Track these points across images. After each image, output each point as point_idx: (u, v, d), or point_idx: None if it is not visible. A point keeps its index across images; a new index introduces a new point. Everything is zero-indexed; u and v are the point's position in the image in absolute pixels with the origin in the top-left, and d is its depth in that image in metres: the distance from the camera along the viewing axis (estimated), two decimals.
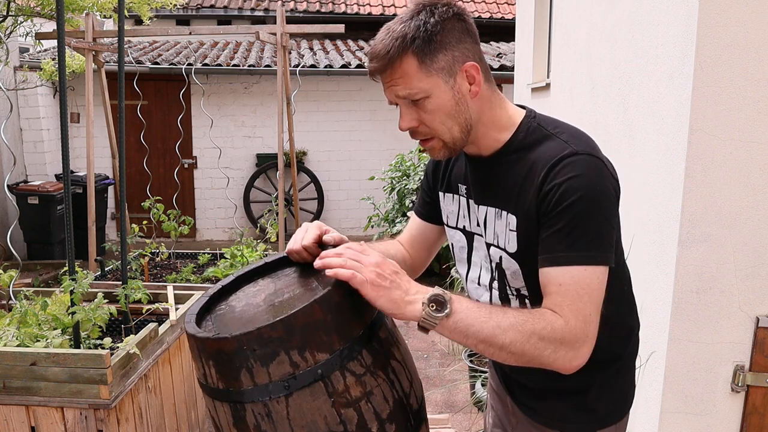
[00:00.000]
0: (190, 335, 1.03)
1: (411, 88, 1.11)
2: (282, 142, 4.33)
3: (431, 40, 1.09)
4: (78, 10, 4.88)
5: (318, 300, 0.97)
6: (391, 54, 1.09)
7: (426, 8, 1.11)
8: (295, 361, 0.96)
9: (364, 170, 7.84)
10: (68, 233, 1.99)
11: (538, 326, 1.03)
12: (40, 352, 1.94)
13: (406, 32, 1.09)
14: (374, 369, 1.03)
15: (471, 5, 10.37)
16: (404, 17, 1.13)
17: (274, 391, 0.96)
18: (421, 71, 1.10)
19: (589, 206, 1.06)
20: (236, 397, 0.99)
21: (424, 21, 1.10)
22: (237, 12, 9.67)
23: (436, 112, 1.13)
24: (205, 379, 1.04)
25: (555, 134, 1.15)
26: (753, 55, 1.87)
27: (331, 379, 0.98)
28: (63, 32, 1.92)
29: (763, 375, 2.02)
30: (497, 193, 1.20)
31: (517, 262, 1.17)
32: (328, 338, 0.98)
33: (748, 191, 1.94)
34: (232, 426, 1.02)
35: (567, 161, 1.08)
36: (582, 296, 1.05)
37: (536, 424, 1.32)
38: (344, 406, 0.99)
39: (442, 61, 1.10)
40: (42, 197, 6.06)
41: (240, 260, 4.07)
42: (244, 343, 0.95)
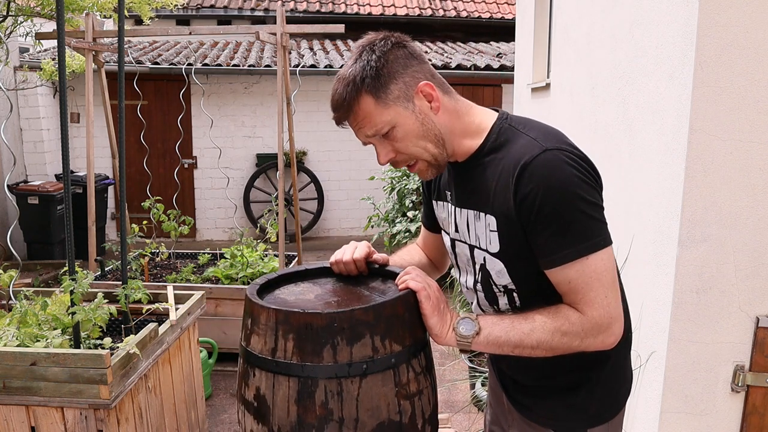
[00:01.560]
0: (272, 309, 1.08)
1: (376, 124, 1.16)
2: (282, 142, 4.33)
3: (379, 75, 1.14)
4: (78, 10, 4.88)
5: (401, 297, 1.11)
6: (347, 100, 1.14)
7: (365, 48, 1.16)
8: (376, 346, 1.05)
9: (364, 170, 7.83)
10: (68, 233, 1.99)
11: (558, 323, 1.11)
12: (40, 352, 1.94)
13: (354, 75, 1.14)
14: (426, 371, 1.15)
15: (471, 5, 10.37)
16: (349, 62, 1.17)
17: (353, 370, 1.04)
18: (379, 106, 1.14)
19: (572, 200, 1.08)
20: (311, 373, 1.04)
21: (367, 60, 1.14)
22: (237, 12, 9.67)
23: (407, 138, 1.17)
24: (272, 354, 1.07)
25: (524, 132, 1.17)
26: (753, 55, 1.87)
27: (399, 370, 1.08)
28: (63, 32, 1.92)
29: (763, 375, 2.02)
30: (475, 195, 1.23)
31: (501, 261, 1.20)
32: (403, 333, 1.10)
33: (748, 191, 1.94)
34: (293, 402, 1.05)
35: (537, 161, 1.09)
36: (592, 284, 1.10)
37: (529, 422, 1.34)
38: (404, 398, 1.08)
39: (396, 91, 1.15)
40: (42, 197, 6.06)
41: (240, 260, 4.07)
42: (336, 320, 1.03)
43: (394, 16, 9.88)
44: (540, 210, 1.08)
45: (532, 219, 1.10)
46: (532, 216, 1.10)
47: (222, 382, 3.84)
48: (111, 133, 4.59)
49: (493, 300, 1.27)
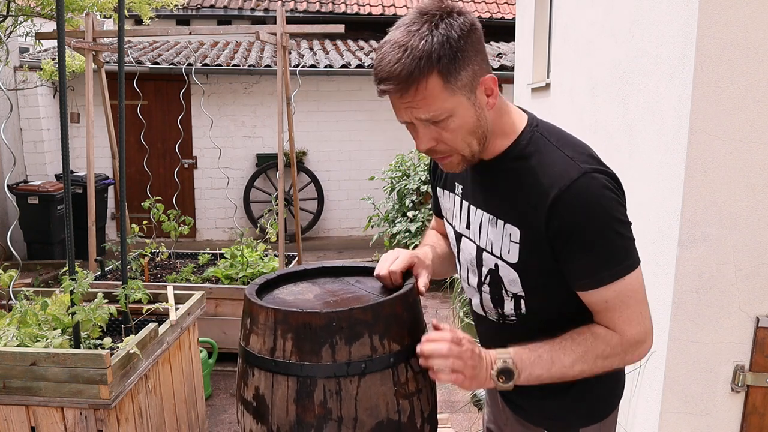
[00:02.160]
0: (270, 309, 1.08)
1: (435, 110, 1.05)
2: (282, 142, 4.33)
3: (456, 57, 1.02)
4: (78, 10, 4.88)
5: (400, 296, 1.11)
6: (414, 74, 1.01)
7: (444, 20, 1.03)
8: (374, 346, 1.05)
9: (364, 170, 7.83)
10: (68, 233, 1.99)
11: (599, 350, 1.10)
12: (40, 352, 1.94)
13: (430, 50, 1.00)
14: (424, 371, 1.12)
15: (471, 5, 10.37)
16: (421, 30, 1.02)
17: (352, 369, 1.03)
18: (445, 91, 1.03)
19: (610, 226, 1.07)
20: (310, 372, 1.04)
21: (447, 36, 1.01)
22: (237, 12, 9.67)
23: (458, 130, 1.09)
24: (271, 354, 1.07)
25: (558, 147, 1.12)
26: (753, 55, 1.87)
27: (397, 369, 1.08)
28: (63, 32, 1.92)
29: (763, 375, 2.02)
30: (495, 200, 1.19)
31: (517, 272, 1.17)
32: (401, 332, 1.10)
33: (748, 191, 1.94)
34: (292, 402, 1.05)
35: (575, 187, 1.06)
36: (628, 302, 1.10)
37: (523, 422, 1.34)
38: (402, 397, 1.08)
39: (465, 78, 1.05)
40: (42, 197, 6.06)
41: (240, 260, 4.07)
42: (335, 319, 1.03)
43: (394, 16, 9.87)
44: (577, 236, 1.07)
45: (568, 243, 1.08)
46: (567, 240, 1.08)
47: (222, 382, 3.84)
48: (111, 133, 4.59)
49: (498, 303, 1.26)
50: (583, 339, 1.11)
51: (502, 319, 1.27)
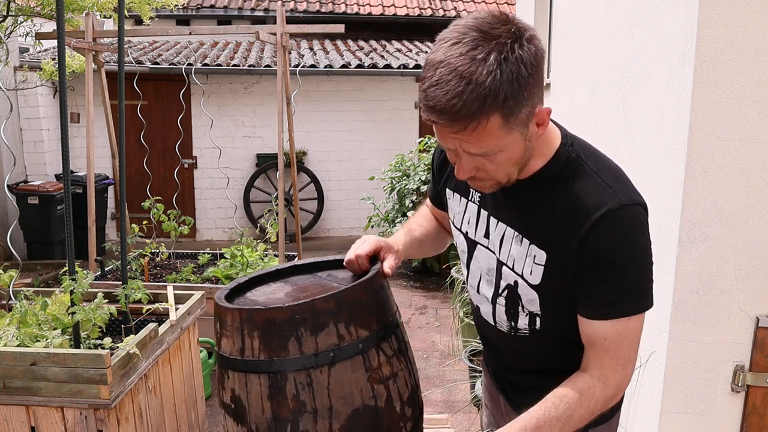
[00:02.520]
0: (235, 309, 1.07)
1: (487, 146, 0.98)
2: (282, 142, 4.33)
3: (522, 97, 0.94)
4: (78, 10, 4.88)
5: (363, 283, 1.10)
6: (475, 113, 0.92)
7: (515, 51, 0.92)
8: (341, 334, 1.05)
9: (364, 170, 7.83)
10: (68, 233, 1.99)
11: (583, 410, 1.08)
12: (40, 352, 1.94)
13: (497, 89, 0.90)
14: (399, 354, 1.13)
15: (471, 5, 10.37)
16: (489, 62, 0.90)
17: (320, 359, 1.03)
18: (502, 129, 0.96)
19: (638, 260, 1.06)
20: (280, 367, 1.04)
21: (517, 74, 0.92)
22: (237, 12, 9.67)
23: (505, 163, 1.03)
24: (241, 354, 1.07)
25: (596, 172, 1.08)
26: (753, 55, 1.87)
27: (368, 355, 1.07)
28: (63, 32, 1.92)
29: (763, 375, 2.02)
30: (521, 218, 1.15)
31: (537, 293, 1.15)
32: (368, 318, 1.09)
33: (748, 191, 1.94)
34: (266, 399, 1.05)
35: (614, 217, 1.03)
36: (623, 343, 1.09)
37: None
38: (377, 382, 1.07)
39: (523, 115, 0.97)
40: (42, 197, 6.06)
41: (240, 260, 4.07)
42: (298, 312, 1.03)
43: (394, 16, 9.88)
44: (604, 264, 1.05)
45: (592, 270, 1.06)
46: (593, 267, 1.06)
47: None
48: (111, 133, 4.59)
49: (512, 317, 1.23)
50: (566, 405, 1.08)
51: (514, 331, 1.25)
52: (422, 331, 4.76)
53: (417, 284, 6.02)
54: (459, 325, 3.97)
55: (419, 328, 4.82)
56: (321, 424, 1.04)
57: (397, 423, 1.10)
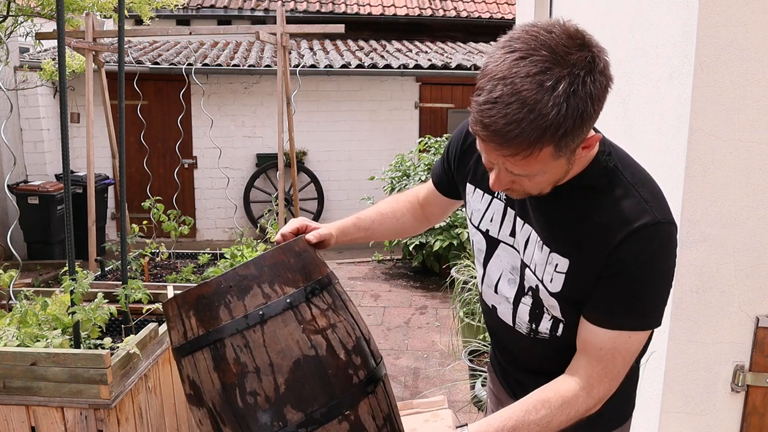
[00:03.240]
0: (171, 299, 1.14)
1: (531, 170, 0.95)
2: (282, 142, 4.33)
3: (581, 131, 0.91)
4: (78, 10, 4.88)
5: (282, 246, 1.16)
6: (531, 144, 0.88)
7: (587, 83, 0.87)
8: (266, 293, 1.10)
9: (364, 170, 7.84)
10: (68, 233, 1.99)
11: (563, 417, 1.07)
12: (40, 352, 1.94)
13: (558, 123, 0.86)
14: (335, 308, 1.16)
15: (471, 5, 10.37)
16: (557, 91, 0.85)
17: (251, 319, 1.08)
18: (552, 158, 0.93)
19: (659, 279, 1.05)
20: (216, 336, 1.08)
21: (583, 110, 0.87)
22: (237, 12, 9.67)
23: (543, 183, 1.01)
24: (185, 337, 1.12)
25: (633, 185, 1.06)
26: (753, 55, 1.87)
27: (299, 309, 1.11)
28: (63, 32, 1.92)
29: (763, 375, 2.02)
30: (548, 224, 1.12)
31: (556, 300, 1.14)
32: (293, 276, 1.13)
33: (748, 191, 1.94)
34: (212, 371, 1.09)
35: (647, 231, 1.01)
36: (617, 359, 1.07)
37: None
38: (313, 333, 1.10)
39: (575, 144, 0.94)
40: (42, 197, 6.06)
41: (240, 260, 4.07)
42: (222, 282, 1.10)
43: (394, 16, 9.88)
44: (626, 274, 1.03)
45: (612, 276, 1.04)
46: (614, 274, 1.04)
47: None
48: (111, 133, 4.59)
49: (535, 318, 1.21)
50: (548, 410, 1.07)
51: (533, 333, 1.23)
52: (422, 331, 4.76)
53: (417, 284, 6.02)
54: (459, 325, 3.97)
55: (419, 328, 4.82)
56: (266, 381, 1.07)
57: (345, 370, 1.11)
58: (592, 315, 1.08)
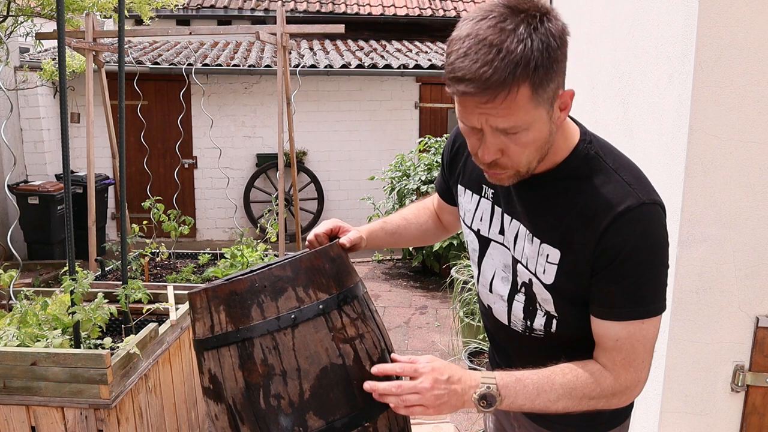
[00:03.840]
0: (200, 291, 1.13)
1: (515, 121, 0.95)
2: (282, 142, 4.33)
3: (551, 69, 0.93)
4: (78, 10, 4.88)
5: (318, 250, 1.15)
6: (507, 83, 0.90)
7: (544, 23, 0.93)
8: (300, 297, 1.09)
9: (364, 170, 7.84)
10: (68, 233, 1.99)
11: (587, 390, 1.07)
12: (40, 352, 1.94)
13: (528, 57, 0.90)
14: (364, 318, 1.17)
15: (471, 5, 10.37)
16: (519, 31, 0.90)
17: (282, 322, 1.07)
18: (531, 102, 0.94)
19: (654, 261, 1.05)
20: (246, 334, 1.08)
21: (547, 44, 0.92)
22: (237, 12, 9.67)
23: (529, 145, 1.00)
24: (212, 331, 1.11)
25: (615, 170, 1.07)
26: (753, 55, 1.87)
27: (330, 316, 1.11)
28: (63, 32, 1.92)
29: (763, 375, 2.02)
30: (534, 216, 1.13)
31: (550, 293, 1.14)
32: (327, 282, 1.13)
33: (748, 191, 1.95)
34: (237, 369, 1.09)
35: (632, 214, 1.02)
36: (637, 347, 1.07)
37: (539, 427, 1.30)
38: (342, 342, 1.11)
39: (550, 91, 0.96)
40: (42, 197, 6.06)
41: (240, 260, 4.07)
42: (257, 281, 1.09)
43: (394, 16, 9.88)
44: (620, 263, 1.03)
45: (608, 268, 1.04)
46: (609, 265, 1.04)
47: None
48: (111, 133, 4.59)
49: (529, 315, 1.21)
50: (574, 376, 1.08)
51: (529, 331, 1.23)
52: (422, 331, 4.77)
53: (417, 284, 6.02)
54: (459, 325, 3.97)
55: (419, 328, 4.82)
56: (291, 385, 1.07)
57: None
58: (598, 311, 1.09)
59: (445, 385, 1.05)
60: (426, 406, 1.05)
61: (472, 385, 1.07)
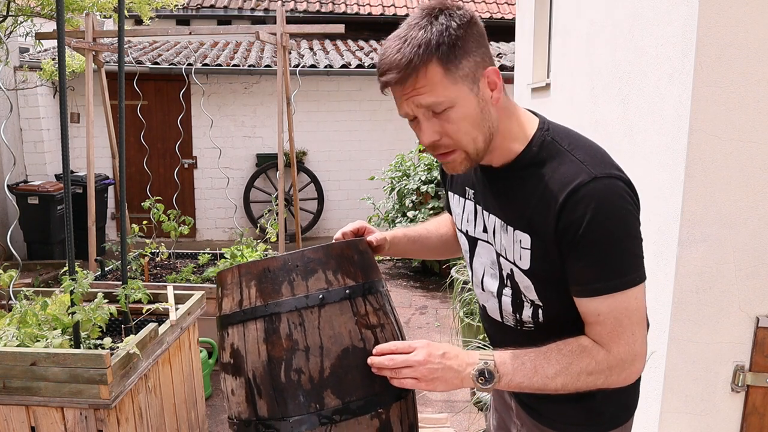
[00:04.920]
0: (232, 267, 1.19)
1: (436, 96, 1.05)
2: (282, 142, 4.33)
3: (455, 46, 1.03)
4: (78, 10, 4.88)
5: (348, 241, 1.24)
6: (414, 62, 1.03)
7: (443, 13, 1.05)
8: (329, 279, 1.16)
9: (364, 170, 7.84)
10: (68, 233, 1.99)
11: (583, 364, 1.08)
12: (40, 352, 1.94)
13: (429, 38, 1.03)
14: (385, 310, 1.23)
15: (471, 5, 10.36)
16: (420, 23, 1.05)
17: (311, 300, 1.13)
18: (446, 78, 1.04)
19: (615, 233, 1.05)
20: (274, 309, 1.13)
21: (446, 26, 1.04)
22: (237, 12, 9.67)
23: (461, 122, 1.07)
24: (240, 306, 1.16)
25: (569, 151, 1.11)
26: (753, 55, 1.87)
27: (355, 302, 1.17)
28: (63, 32, 1.92)
29: (763, 375, 2.02)
30: (504, 206, 1.18)
31: (529, 279, 1.16)
32: (354, 271, 1.20)
33: (748, 191, 1.95)
34: (261, 342, 1.13)
35: (585, 189, 1.04)
36: (622, 320, 1.07)
37: (541, 426, 1.30)
38: (364, 327, 1.16)
39: (466, 68, 1.05)
40: (42, 197, 6.06)
41: (240, 260, 4.07)
42: (290, 260, 1.15)
43: (394, 16, 9.88)
44: (583, 238, 1.05)
45: (573, 246, 1.06)
46: (573, 243, 1.06)
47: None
48: (111, 133, 4.59)
49: (517, 308, 1.24)
50: (569, 351, 1.09)
51: (520, 325, 1.25)
52: (422, 331, 4.77)
53: (417, 284, 6.02)
54: (459, 325, 3.97)
55: (419, 328, 4.82)
56: (313, 362, 1.11)
57: None
58: (575, 290, 1.10)
59: (439, 360, 1.09)
60: (419, 379, 1.08)
61: (470, 362, 1.10)
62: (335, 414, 1.09)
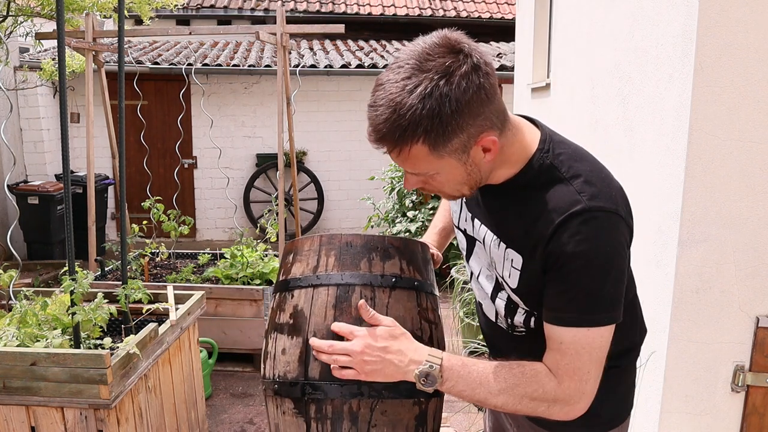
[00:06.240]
0: (315, 235, 1.26)
1: (419, 168, 1.04)
2: (282, 142, 4.33)
3: (446, 128, 0.96)
4: (78, 10, 4.88)
5: (423, 243, 1.32)
6: (397, 140, 0.97)
7: (447, 82, 0.94)
8: (403, 268, 1.23)
9: (364, 170, 7.83)
10: (68, 233, 1.99)
11: (529, 389, 1.07)
12: (40, 352, 1.94)
13: (417, 121, 0.94)
14: (438, 313, 1.29)
15: (471, 5, 10.37)
16: (417, 91, 0.94)
17: (385, 280, 1.20)
18: (431, 156, 1.00)
19: (597, 269, 1.03)
20: (350, 280, 1.19)
21: (438, 110, 0.94)
22: (237, 12, 9.67)
23: (446, 183, 1.08)
24: (314, 271, 1.21)
25: (568, 179, 1.07)
26: (753, 55, 1.87)
27: (420, 295, 1.24)
28: (63, 32, 1.92)
29: (763, 375, 2.02)
30: (497, 223, 1.17)
31: (517, 296, 1.16)
32: (422, 269, 1.27)
33: (748, 191, 1.95)
34: (330, 307, 1.17)
35: (577, 221, 1.02)
36: (582, 355, 1.05)
37: (538, 427, 1.30)
38: (424, 320, 1.22)
39: (456, 144, 0.99)
40: (42, 197, 6.06)
41: (240, 260, 4.07)
42: (372, 241, 1.23)
43: (394, 16, 9.88)
44: (564, 267, 1.03)
45: (554, 272, 1.05)
46: (555, 269, 1.05)
47: (222, 382, 3.84)
48: (111, 133, 4.59)
49: (510, 313, 1.23)
50: (520, 372, 1.08)
51: (511, 329, 1.25)
52: None
53: None
54: (459, 325, 3.97)
55: None
56: None
57: None
58: (546, 314, 1.09)
59: (378, 353, 1.08)
60: (356, 370, 1.08)
61: (415, 359, 1.09)
62: (385, 389, 1.13)
